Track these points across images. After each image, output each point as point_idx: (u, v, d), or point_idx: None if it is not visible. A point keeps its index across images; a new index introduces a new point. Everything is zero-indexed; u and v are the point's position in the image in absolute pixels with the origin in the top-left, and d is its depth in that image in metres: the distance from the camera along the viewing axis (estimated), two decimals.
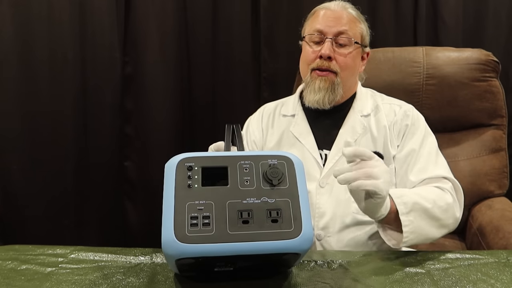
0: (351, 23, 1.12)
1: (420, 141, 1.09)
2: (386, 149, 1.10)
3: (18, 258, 0.83)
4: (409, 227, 0.88)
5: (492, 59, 1.45)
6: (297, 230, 0.62)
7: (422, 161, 1.06)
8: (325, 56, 1.09)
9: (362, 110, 1.15)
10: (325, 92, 1.10)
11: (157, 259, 0.82)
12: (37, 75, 1.79)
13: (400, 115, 1.13)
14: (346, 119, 1.14)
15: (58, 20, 1.78)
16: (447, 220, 0.95)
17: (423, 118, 1.16)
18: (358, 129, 1.12)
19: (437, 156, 1.09)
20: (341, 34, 1.10)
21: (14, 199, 1.82)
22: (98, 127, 1.87)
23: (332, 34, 1.10)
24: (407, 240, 0.89)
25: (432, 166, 1.05)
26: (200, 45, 1.90)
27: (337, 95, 1.11)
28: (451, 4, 1.80)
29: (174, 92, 1.91)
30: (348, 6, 1.15)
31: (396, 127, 1.12)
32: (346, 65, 1.11)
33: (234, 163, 0.66)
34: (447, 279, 0.74)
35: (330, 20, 1.11)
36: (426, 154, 1.07)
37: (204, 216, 0.61)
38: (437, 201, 0.94)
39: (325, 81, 1.10)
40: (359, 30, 1.13)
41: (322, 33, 1.11)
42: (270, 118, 1.24)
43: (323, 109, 1.12)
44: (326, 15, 1.12)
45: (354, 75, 1.17)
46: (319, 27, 1.11)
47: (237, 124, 0.82)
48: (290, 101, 1.25)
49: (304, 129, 1.16)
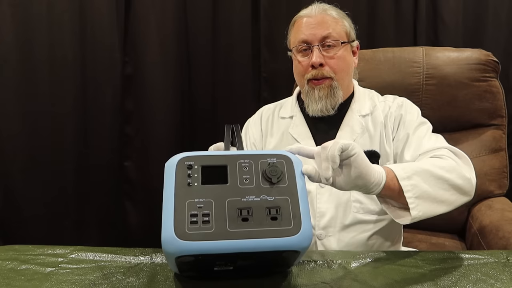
0: (334, 24, 1.12)
1: (415, 126, 1.08)
2: (382, 147, 1.10)
3: (18, 258, 0.82)
4: (412, 192, 0.81)
5: (492, 59, 1.45)
6: (297, 227, 0.62)
7: (417, 140, 1.04)
8: (316, 64, 1.09)
9: (360, 110, 1.15)
10: (326, 99, 1.11)
11: (157, 259, 0.82)
12: (37, 75, 1.79)
13: (394, 106, 1.14)
14: (345, 120, 1.14)
15: (58, 20, 1.79)
16: (456, 180, 0.87)
17: (417, 109, 1.15)
18: (357, 129, 1.12)
19: (433, 135, 1.07)
20: (327, 38, 1.10)
21: (14, 199, 1.82)
22: (98, 127, 1.87)
23: (317, 41, 1.10)
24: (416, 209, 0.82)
25: (427, 141, 1.03)
26: (200, 45, 1.91)
27: (338, 98, 1.12)
28: (451, 4, 1.80)
29: (174, 92, 1.91)
30: (326, 7, 1.15)
31: (391, 118, 1.12)
32: (339, 68, 1.12)
33: (233, 162, 0.67)
34: (447, 279, 0.74)
35: (312, 27, 1.11)
36: (421, 135, 1.06)
37: (203, 213, 0.62)
38: (436, 163, 0.89)
39: (323, 88, 1.11)
40: (343, 29, 1.14)
41: (308, 42, 1.11)
42: (269, 120, 1.25)
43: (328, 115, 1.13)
44: (307, 23, 1.12)
45: (350, 73, 1.17)
46: (303, 37, 1.12)
47: (236, 124, 0.82)
48: (288, 103, 1.26)
49: (303, 131, 1.17)
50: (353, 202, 1.07)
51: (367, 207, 1.07)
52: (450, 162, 0.91)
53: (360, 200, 1.07)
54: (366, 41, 1.79)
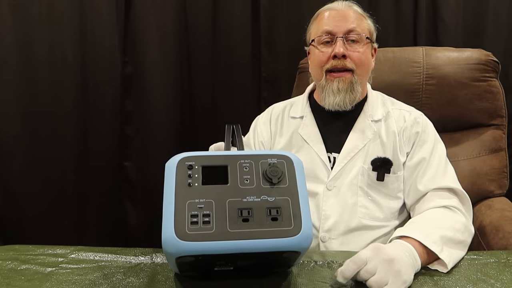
0: (358, 20, 1.11)
1: (430, 150, 1.08)
2: (396, 156, 1.08)
3: (18, 258, 0.83)
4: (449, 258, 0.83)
5: (492, 59, 1.45)
6: (297, 228, 0.62)
7: (431, 171, 1.05)
8: (340, 54, 1.07)
9: (372, 115, 1.13)
10: (345, 93, 1.08)
11: (157, 259, 0.82)
12: (37, 75, 1.79)
13: (410, 121, 1.11)
14: (356, 123, 1.13)
15: (58, 20, 1.78)
16: (468, 239, 0.94)
17: (432, 125, 1.14)
18: (368, 134, 1.10)
19: (446, 165, 1.08)
20: (351, 31, 1.08)
21: (14, 199, 1.81)
22: (98, 127, 1.87)
23: (342, 32, 1.08)
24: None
25: (440, 176, 1.04)
26: (200, 45, 1.90)
27: (357, 93, 1.10)
28: (451, 4, 1.79)
29: (174, 92, 1.91)
30: (351, 4, 1.14)
31: (406, 133, 1.10)
32: (361, 62, 1.09)
33: (234, 162, 0.67)
34: (447, 279, 0.74)
35: (337, 19, 1.09)
36: (435, 164, 1.06)
37: (204, 214, 0.62)
38: (454, 226, 0.92)
39: (343, 81, 1.08)
40: (367, 26, 1.13)
41: (332, 33, 1.09)
42: (279, 119, 1.22)
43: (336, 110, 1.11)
44: (331, 15, 1.11)
45: (369, 72, 1.15)
46: (327, 28, 1.09)
47: (237, 124, 0.82)
48: (298, 102, 1.23)
49: (313, 132, 1.14)
50: (359, 207, 1.06)
51: (373, 213, 1.07)
52: (461, 220, 0.96)
53: (367, 206, 1.07)
54: None
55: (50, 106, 1.81)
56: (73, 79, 1.82)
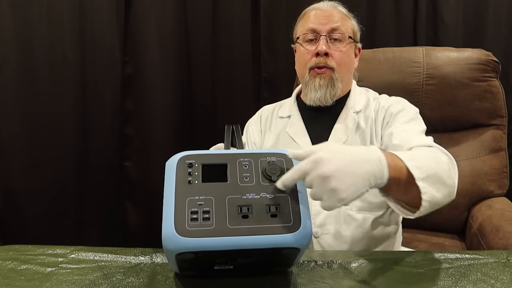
0: (343, 20, 1.15)
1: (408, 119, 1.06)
2: (373, 143, 1.09)
3: (18, 258, 0.82)
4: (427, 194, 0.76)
5: (492, 59, 1.45)
6: (296, 224, 0.62)
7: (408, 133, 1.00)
8: (322, 52, 1.10)
9: (354, 106, 1.15)
10: (326, 89, 1.11)
11: (157, 259, 0.82)
12: (37, 75, 1.79)
13: (388, 103, 1.13)
14: (340, 117, 1.15)
15: (58, 20, 1.79)
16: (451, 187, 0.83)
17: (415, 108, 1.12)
18: (350, 125, 1.12)
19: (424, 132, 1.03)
20: (335, 30, 1.12)
21: (14, 199, 1.82)
22: (98, 127, 1.87)
23: (326, 31, 1.12)
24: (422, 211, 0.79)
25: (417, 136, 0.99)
26: (200, 45, 1.91)
27: (337, 89, 1.13)
28: (451, 4, 1.80)
29: (174, 92, 1.91)
30: (337, 4, 1.18)
31: (381, 113, 1.11)
32: (342, 60, 1.13)
33: (233, 161, 0.67)
34: (447, 279, 0.74)
35: (322, 18, 1.13)
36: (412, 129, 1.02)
37: (204, 211, 0.62)
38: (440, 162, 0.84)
39: (324, 78, 1.11)
40: (350, 26, 1.16)
41: (316, 31, 1.13)
42: (268, 120, 1.26)
43: (318, 106, 1.13)
44: (317, 14, 1.15)
45: (350, 71, 1.18)
46: (312, 26, 1.13)
47: (236, 124, 0.82)
48: (287, 103, 1.27)
49: (300, 129, 1.17)
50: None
51: (360, 204, 1.06)
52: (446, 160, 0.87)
53: None
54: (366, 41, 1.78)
55: (50, 105, 1.81)
56: (73, 79, 1.82)
